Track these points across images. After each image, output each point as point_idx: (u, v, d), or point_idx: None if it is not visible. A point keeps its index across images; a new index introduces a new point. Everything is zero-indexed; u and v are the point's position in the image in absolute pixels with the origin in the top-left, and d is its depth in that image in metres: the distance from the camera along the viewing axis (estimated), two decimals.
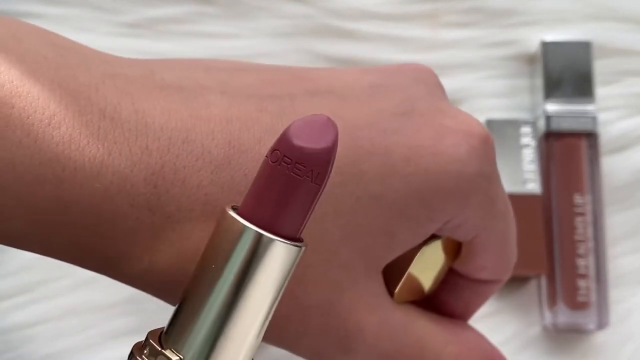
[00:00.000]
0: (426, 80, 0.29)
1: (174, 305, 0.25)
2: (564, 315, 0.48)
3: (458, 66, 0.51)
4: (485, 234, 0.28)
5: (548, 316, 0.48)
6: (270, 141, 0.24)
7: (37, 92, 0.23)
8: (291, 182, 0.21)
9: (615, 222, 0.50)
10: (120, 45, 0.49)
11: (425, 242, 0.28)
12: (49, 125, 0.22)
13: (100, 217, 0.23)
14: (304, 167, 0.21)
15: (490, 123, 0.49)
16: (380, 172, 0.25)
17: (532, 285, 0.49)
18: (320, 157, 0.21)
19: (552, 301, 0.48)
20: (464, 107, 0.51)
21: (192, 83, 0.25)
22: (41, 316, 0.46)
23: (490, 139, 0.28)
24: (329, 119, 0.22)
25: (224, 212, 0.22)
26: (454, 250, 0.29)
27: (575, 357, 0.49)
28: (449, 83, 0.51)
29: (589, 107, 0.49)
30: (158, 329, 0.24)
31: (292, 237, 0.22)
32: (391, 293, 0.28)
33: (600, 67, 0.51)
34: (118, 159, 0.23)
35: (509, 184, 0.48)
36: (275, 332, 0.25)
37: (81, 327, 0.46)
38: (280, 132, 0.23)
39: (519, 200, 0.48)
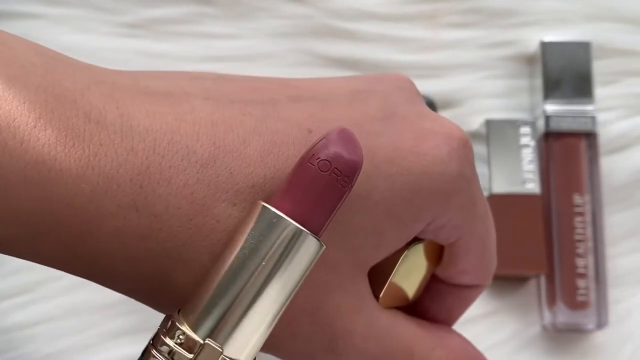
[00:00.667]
0: (406, 88, 0.30)
1: (163, 312, 0.26)
2: (563, 315, 0.48)
3: (458, 66, 0.51)
4: (467, 236, 0.29)
5: (547, 316, 0.48)
6: (254, 142, 0.25)
7: (23, 97, 0.23)
8: (336, 191, 0.24)
9: (615, 222, 0.50)
10: (120, 45, 0.49)
11: (408, 246, 0.29)
12: (35, 127, 0.23)
13: (87, 217, 0.23)
14: (348, 179, 0.24)
15: (489, 123, 0.49)
16: (365, 172, 0.26)
17: (531, 285, 0.50)
18: (357, 170, 0.24)
19: (552, 301, 0.48)
20: (464, 107, 0.51)
21: (177, 90, 0.26)
22: (41, 316, 0.46)
23: (469, 142, 0.28)
24: (354, 135, 0.24)
25: (262, 206, 0.23)
26: (436, 255, 0.30)
27: (575, 357, 0.49)
28: (448, 83, 0.51)
29: (588, 107, 0.49)
30: (176, 314, 0.24)
31: (317, 235, 0.24)
32: (376, 298, 0.28)
33: (599, 68, 0.51)
34: (104, 160, 0.23)
35: (509, 184, 0.48)
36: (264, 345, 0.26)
37: (81, 327, 0.46)
38: (264, 133, 0.25)
39: (519, 200, 0.48)
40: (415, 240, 0.29)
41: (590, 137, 0.49)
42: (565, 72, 0.49)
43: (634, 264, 0.50)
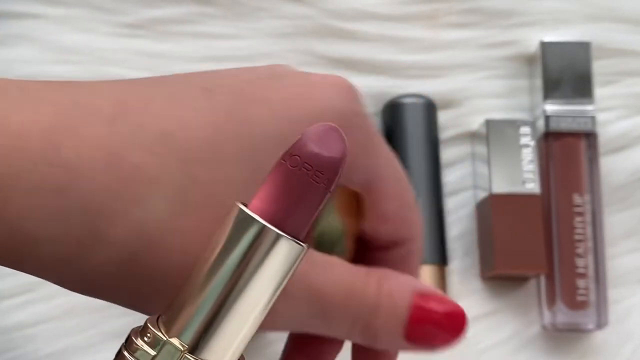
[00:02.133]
0: (284, 66, 0.31)
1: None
2: (563, 315, 0.48)
3: (458, 66, 0.51)
4: (378, 179, 0.30)
5: (547, 316, 0.48)
6: (157, 99, 0.26)
7: None
8: (309, 187, 0.22)
9: (614, 221, 0.50)
10: (120, 46, 0.49)
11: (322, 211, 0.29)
12: None
13: (1, 175, 0.23)
14: (322, 174, 0.22)
15: (489, 123, 0.49)
16: (266, 115, 0.27)
17: (531, 284, 0.50)
18: (335, 166, 0.23)
19: (551, 301, 0.48)
20: (464, 108, 0.51)
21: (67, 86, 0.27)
22: (41, 316, 0.46)
23: (358, 90, 0.30)
24: (338, 128, 0.23)
25: (235, 207, 0.23)
26: (353, 208, 0.30)
27: (574, 357, 0.49)
28: (448, 83, 0.51)
29: (588, 108, 0.49)
30: (154, 316, 0.24)
31: (297, 238, 0.23)
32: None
33: (599, 68, 0.51)
34: (12, 117, 0.24)
35: (509, 184, 0.48)
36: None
37: (81, 327, 0.46)
38: (165, 92, 0.26)
39: (519, 200, 0.48)
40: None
41: (590, 137, 0.49)
42: (565, 72, 0.49)
43: (634, 264, 0.50)
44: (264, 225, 0.22)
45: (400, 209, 0.31)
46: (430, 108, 0.50)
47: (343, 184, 0.29)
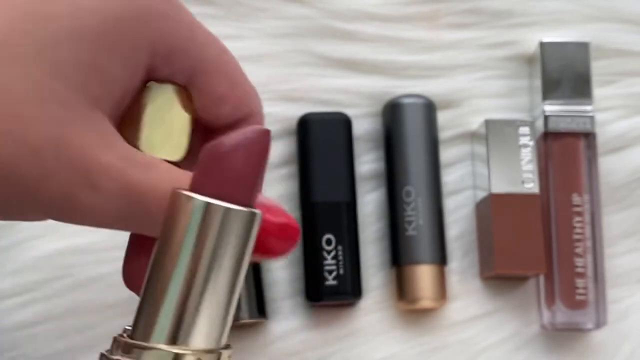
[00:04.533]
0: None
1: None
2: (562, 314, 0.48)
3: (457, 67, 0.51)
4: (201, 64, 0.30)
5: (546, 315, 0.48)
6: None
7: None
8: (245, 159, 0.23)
9: (613, 221, 0.50)
10: None
11: (148, 90, 0.29)
12: None
13: None
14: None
15: (489, 123, 0.49)
16: (69, 9, 0.27)
17: (530, 284, 0.50)
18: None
19: (550, 300, 0.48)
20: (464, 108, 0.51)
21: None
22: (42, 316, 0.46)
23: None
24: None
25: (176, 194, 0.22)
26: (187, 102, 0.30)
27: (573, 356, 0.49)
28: (448, 83, 0.51)
29: (587, 108, 0.49)
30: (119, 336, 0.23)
31: (245, 206, 0.22)
32: (135, 145, 0.29)
33: (598, 68, 0.51)
34: None
35: (508, 184, 0.48)
36: (11, 184, 0.26)
37: (82, 327, 0.46)
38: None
39: (518, 200, 0.48)
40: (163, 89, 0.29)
41: (589, 137, 0.49)
42: (564, 73, 0.49)
43: (633, 264, 0.50)
44: (204, 201, 0.21)
45: (233, 88, 0.30)
46: (430, 108, 0.50)
47: (167, 79, 0.29)
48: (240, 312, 0.46)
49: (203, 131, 0.31)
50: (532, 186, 0.48)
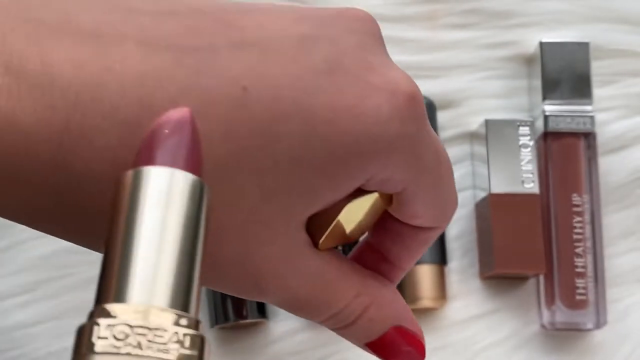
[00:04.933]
0: (361, 31, 0.27)
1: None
2: (562, 314, 0.48)
3: (457, 67, 0.51)
4: (413, 187, 0.28)
5: (546, 315, 0.48)
6: (183, 102, 0.23)
7: None
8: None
9: (613, 221, 0.51)
10: None
11: (354, 197, 0.28)
12: None
13: (7, 174, 0.23)
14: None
15: (489, 123, 0.49)
16: (300, 134, 0.25)
17: (530, 284, 0.50)
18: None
19: (550, 300, 0.48)
20: (464, 108, 0.51)
21: (110, 29, 0.24)
22: (42, 315, 0.46)
23: (418, 96, 0.27)
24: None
25: (122, 175, 0.21)
26: (385, 199, 0.29)
27: (573, 356, 0.49)
28: (448, 83, 0.51)
29: (586, 108, 0.49)
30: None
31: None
32: (316, 243, 0.29)
33: (598, 68, 0.51)
34: (22, 116, 0.22)
35: (508, 184, 0.48)
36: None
37: None
38: (195, 90, 0.23)
39: (518, 200, 0.48)
40: (362, 191, 0.29)
41: (588, 137, 0.49)
42: (564, 73, 0.50)
43: (633, 263, 0.50)
44: (136, 170, 0.21)
45: (431, 208, 0.30)
46: (430, 108, 0.50)
47: (373, 189, 0.28)
48: (241, 312, 0.47)
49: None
50: (532, 186, 0.48)
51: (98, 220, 0.24)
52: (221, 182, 0.25)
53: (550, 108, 0.49)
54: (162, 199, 0.20)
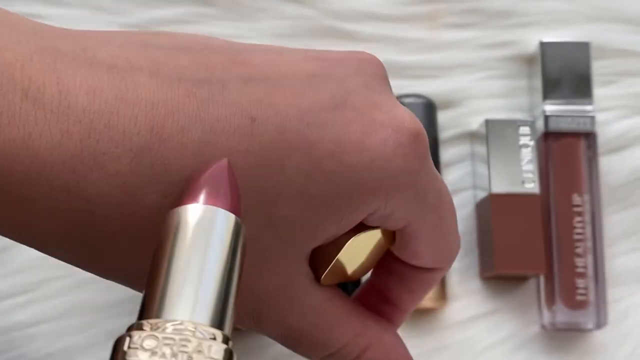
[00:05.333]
0: (368, 72, 0.28)
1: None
2: (562, 315, 0.48)
3: (457, 67, 0.51)
4: (415, 225, 0.28)
5: (546, 315, 0.48)
6: (193, 130, 0.24)
7: None
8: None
9: (613, 221, 0.50)
10: None
11: (357, 232, 0.28)
12: None
13: (20, 198, 0.23)
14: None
15: (489, 123, 0.49)
16: (304, 167, 0.25)
17: (530, 284, 0.50)
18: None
19: (551, 300, 0.48)
20: (464, 107, 0.51)
21: (124, 62, 0.25)
22: (42, 315, 0.46)
23: (422, 134, 0.27)
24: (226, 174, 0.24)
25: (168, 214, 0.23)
26: (388, 237, 0.30)
27: (574, 356, 0.49)
28: (448, 83, 0.51)
29: (587, 108, 0.49)
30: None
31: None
32: (318, 277, 0.29)
33: (598, 68, 0.51)
34: (38, 141, 0.23)
35: (508, 184, 0.48)
36: None
37: (81, 327, 0.46)
38: (205, 119, 0.24)
39: (518, 200, 0.48)
40: (365, 226, 0.29)
41: (589, 137, 0.49)
42: (565, 73, 0.49)
43: (633, 264, 0.50)
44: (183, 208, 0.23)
45: (433, 248, 0.30)
46: (430, 108, 0.50)
47: (375, 225, 0.28)
48: None
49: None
50: (532, 186, 0.48)
51: (107, 247, 0.25)
52: None
53: (550, 108, 0.49)
54: (206, 232, 0.22)
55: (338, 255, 0.28)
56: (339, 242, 0.28)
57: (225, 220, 0.23)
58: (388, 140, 0.26)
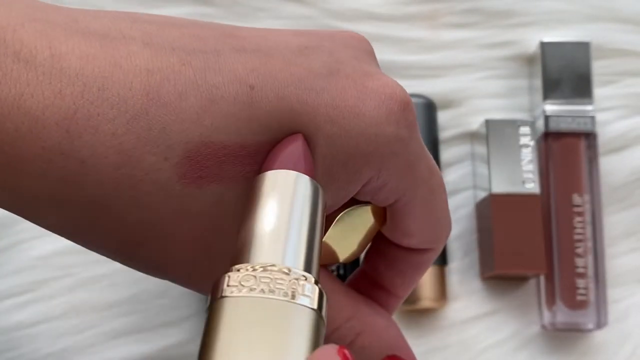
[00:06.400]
0: (357, 47, 0.29)
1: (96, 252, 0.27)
2: (562, 315, 0.48)
3: (457, 66, 0.51)
4: (406, 199, 0.29)
5: (547, 315, 0.48)
6: (191, 96, 0.24)
7: None
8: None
9: (614, 221, 0.50)
10: None
11: (345, 208, 0.29)
12: None
13: (11, 156, 0.23)
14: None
15: (489, 123, 0.49)
16: (306, 132, 0.26)
17: (531, 284, 0.50)
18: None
19: (551, 300, 0.48)
20: (464, 107, 0.51)
21: (116, 32, 0.25)
22: (42, 316, 0.46)
23: (411, 104, 0.28)
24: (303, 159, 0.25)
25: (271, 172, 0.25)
26: (379, 216, 0.30)
27: (574, 356, 0.49)
28: (448, 83, 0.51)
29: (587, 108, 0.49)
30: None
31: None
32: None
33: (598, 68, 0.51)
34: (30, 100, 0.23)
35: (508, 184, 0.48)
36: (184, 275, 0.27)
37: (81, 327, 0.46)
38: (202, 86, 0.25)
39: (518, 200, 0.48)
40: (354, 203, 0.29)
41: (589, 137, 0.49)
42: (565, 72, 0.49)
43: (633, 264, 0.50)
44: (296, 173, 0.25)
45: (424, 228, 0.30)
46: (430, 108, 0.50)
47: (367, 199, 0.28)
48: None
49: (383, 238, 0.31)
50: (532, 186, 0.48)
51: (99, 214, 0.25)
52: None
53: (550, 108, 0.49)
54: (290, 192, 0.24)
55: (328, 232, 0.29)
56: (329, 218, 0.29)
57: (304, 182, 0.24)
58: (381, 107, 0.27)
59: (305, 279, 0.22)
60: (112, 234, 0.25)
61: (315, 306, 0.22)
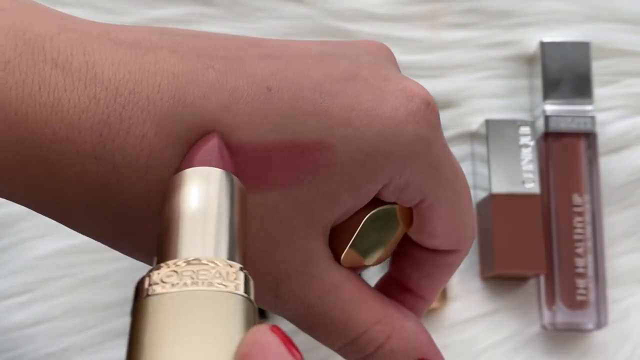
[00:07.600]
0: (377, 53, 0.30)
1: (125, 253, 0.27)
2: (562, 315, 0.48)
3: (458, 66, 0.51)
4: (431, 199, 0.29)
5: (547, 315, 0.48)
6: (214, 97, 0.25)
7: None
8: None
9: (614, 221, 0.50)
10: None
11: (374, 207, 0.29)
12: (4, 70, 0.24)
13: (49, 161, 0.24)
14: None
15: (489, 123, 0.49)
16: (319, 134, 0.26)
17: (531, 284, 0.50)
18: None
19: (551, 300, 0.48)
20: (464, 107, 0.51)
21: (145, 42, 0.26)
22: (42, 316, 0.46)
23: (433, 106, 0.28)
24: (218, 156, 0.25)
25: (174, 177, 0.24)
26: (405, 218, 0.30)
27: (574, 356, 0.49)
28: (448, 83, 0.51)
29: (587, 108, 0.49)
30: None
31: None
32: (338, 257, 0.29)
33: (598, 68, 0.51)
34: (67, 106, 0.24)
35: (508, 184, 0.48)
36: None
37: (81, 327, 0.46)
38: (225, 89, 0.26)
39: (518, 200, 0.48)
40: (381, 204, 0.29)
41: (589, 137, 0.49)
42: (565, 72, 0.50)
43: (633, 264, 0.50)
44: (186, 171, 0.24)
45: (449, 230, 0.30)
46: None
47: (392, 199, 0.29)
48: None
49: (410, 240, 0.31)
50: (532, 186, 0.48)
51: (133, 217, 0.26)
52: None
53: (550, 108, 0.49)
54: (206, 186, 0.24)
55: (356, 233, 0.29)
56: (356, 219, 0.29)
57: (219, 176, 0.24)
58: (400, 108, 0.27)
59: (230, 267, 0.22)
60: (146, 236, 0.26)
61: (241, 291, 0.22)
